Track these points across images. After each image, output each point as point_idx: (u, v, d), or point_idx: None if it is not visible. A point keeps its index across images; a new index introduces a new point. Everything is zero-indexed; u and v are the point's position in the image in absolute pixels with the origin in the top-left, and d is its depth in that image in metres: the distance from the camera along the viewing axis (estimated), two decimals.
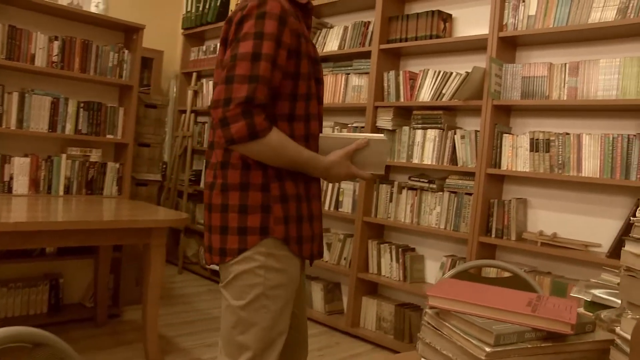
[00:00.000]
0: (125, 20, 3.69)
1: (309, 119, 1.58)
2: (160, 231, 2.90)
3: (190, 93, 5.20)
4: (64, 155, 3.50)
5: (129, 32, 3.87)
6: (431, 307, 0.94)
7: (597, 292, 1.16)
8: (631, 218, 0.82)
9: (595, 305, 1.10)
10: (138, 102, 4.13)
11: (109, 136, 3.72)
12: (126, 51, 3.77)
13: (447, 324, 0.90)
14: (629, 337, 0.74)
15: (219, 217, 1.50)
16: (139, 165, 4.22)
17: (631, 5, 2.66)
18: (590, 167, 2.74)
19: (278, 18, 1.43)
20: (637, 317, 0.75)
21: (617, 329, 0.81)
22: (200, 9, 5.21)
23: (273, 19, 1.42)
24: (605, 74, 2.73)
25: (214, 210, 1.52)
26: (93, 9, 3.74)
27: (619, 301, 1.10)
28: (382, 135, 1.60)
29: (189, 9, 5.37)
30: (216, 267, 4.63)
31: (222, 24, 4.94)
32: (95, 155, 3.68)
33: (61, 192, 3.49)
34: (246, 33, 1.41)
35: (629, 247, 0.81)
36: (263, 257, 1.48)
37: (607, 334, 0.90)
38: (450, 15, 3.47)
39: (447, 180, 3.30)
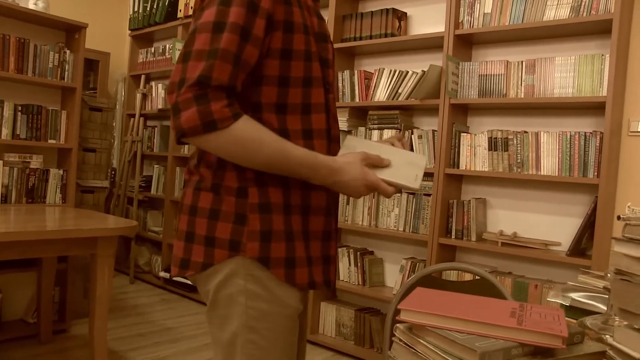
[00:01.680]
0: (65, 18, 3.49)
1: (310, 111, 1.22)
2: (107, 240, 2.72)
3: (139, 96, 5.00)
4: (0, 162, 3.28)
5: (71, 31, 3.67)
6: (403, 322, 0.83)
7: (576, 295, 1.08)
8: (620, 216, 0.73)
9: (574, 310, 1.02)
10: (82, 104, 3.93)
11: (51, 141, 3.51)
12: (68, 51, 3.57)
13: (422, 341, 0.79)
14: (624, 348, 0.65)
15: (187, 221, 1.21)
16: (84, 171, 4.02)
17: (583, 4, 2.66)
18: (549, 165, 2.71)
19: None
20: (631, 325, 0.67)
21: (609, 339, 0.73)
22: (148, 9, 5.03)
23: None
24: (561, 72, 2.72)
25: (182, 212, 1.23)
26: (31, 7, 3.53)
27: (602, 306, 1.03)
28: (420, 155, 1.32)
29: (136, 9, 5.17)
30: (185, 280, 4.45)
31: (171, 24, 4.77)
32: (36, 162, 3.46)
33: None
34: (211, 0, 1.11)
35: (619, 248, 0.73)
36: (242, 281, 1.16)
37: (597, 344, 0.81)
38: (405, 14, 3.41)
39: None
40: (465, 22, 3.03)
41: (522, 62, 2.85)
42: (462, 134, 3.00)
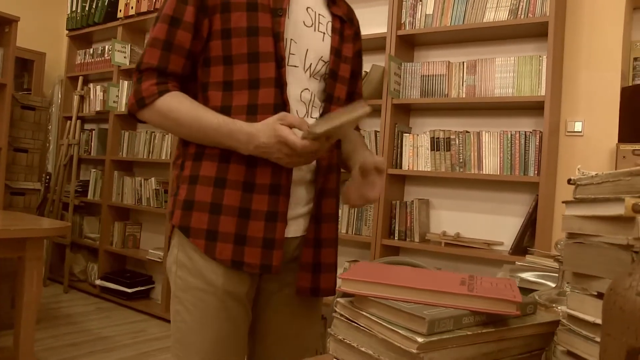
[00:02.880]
0: None
1: (258, 86, 1.19)
2: (35, 242, 2.56)
3: (76, 98, 4.81)
4: None
5: (1, 25, 3.49)
6: (344, 295, 0.76)
7: (525, 275, 1.04)
8: (571, 179, 0.69)
9: (524, 291, 0.98)
10: (13, 102, 3.74)
11: None
12: None
13: (365, 313, 0.72)
14: (579, 314, 0.61)
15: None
16: (14, 172, 3.82)
17: (521, 6, 2.71)
18: (491, 164, 2.72)
19: None
20: (586, 289, 0.63)
21: (563, 308, 0.68)
22: (87, 8, 4.85)
23: None
24: (501, 72, 2.74)
25: None
26: None
27: (552, 284, 0.99)
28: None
29: (74, 9, 4.98)
30: (106, 284, 4.28)
31: (111, 25, 4.62)
32: None
33: None
34: None
35: (571, 211, 0.69)
36: (176, 250, 1.24)
37: (550, 314, 0.77)
38: None
39: (346, 182, 3.18)
40: (407, 23, 3.03)
41: (463, 62, 2.86)
42: (404, 134, 2.99)
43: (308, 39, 1.27)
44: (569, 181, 0.70)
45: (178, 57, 1.20)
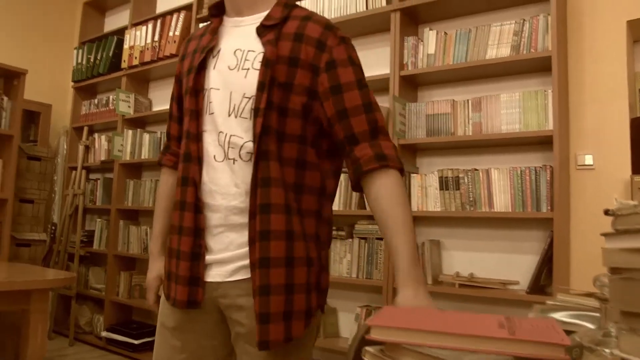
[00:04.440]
0: (3, 64, 3.35)
1: (185, 137, 1.37)
2: (40, 294, 2.51)
3: (81, 148, 4.82)
4: None
5: (9, 78, 3.52)
6: (373, 343, 0.70)
7: (558, 315, 0.97)
8: (609, 210, 0.64)
9: None
10: (19, 153, 3.74)
11: None
12: (5, 98, 3.41)
13: None
14: (632, 358, 0.55)
15: None
16: (20, 223, 3.78)
17: (522, 42, 2.71)
18: (502, 201, 2.67)
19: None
20: (637, 329, 0.57)
21: (614, 351, 0.62)
22: (92, 60, 4.91)
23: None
24: (507, 108, 2.72)
25: None
26: None
27: (590, 325, 0.92)
28: None
29: (79, 61, 5.04)
30: (112, 335, 4.18)
31: (115, 75, 4.66)
32: None
33: None
34: None
35: (613, 244, 0.63)
36: None
37: (599, 358, 0.71)
38: None
39: (356, 226, 3.13)
40: (409, 63, 3.02)
41: (467, 100, 2.84)
42: (412, 174, 2.95)
43: (231, 81, 1.31)
44: (606, 212, 0.64)
45: (173, 124, 1.56)
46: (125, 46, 4.60)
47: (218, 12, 1.43)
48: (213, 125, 1.32)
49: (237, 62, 1.32)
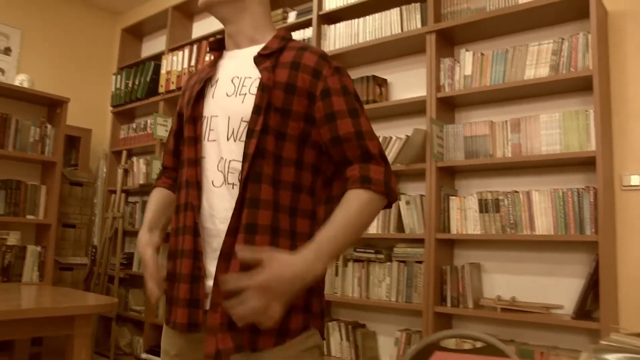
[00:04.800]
0: (47, 93, 3.45)
1: (184, 165, 1.41)
2: (84, 319, 2.55)
3: (120, 172, 4.91)
4: None
5: (53, 107, 3.62)
6: None
7: (612, 357, 0.93)
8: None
9: None
10: (62, 179, 3.83)
11: (29, 217, 3.39)
12: (49, 126, 3.50)
13: None
14: None
15: None
16: (63, 248, 3.86)
17: (561, 62, 2.67)
18: (544, 224, 2.62)
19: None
20: None
21: None
22: (130, 85, 5.02)
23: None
24: (546, 129, 2.68)
25: None
26: (17, 83, 3.49)
27: None
28: None
29: (118, 86, 5.17)
30: (152, 357, 4.22)
31: (153, 100, 4.75)
32: (13, 238, 3.32)
33: None
34: None
35: None
36: None
37: None
38: (385, 80, 3.40)
39: (394, 249, 3.11)
40: (446, 85, 3.01)
41: (506, 121, 2.81)
42: (450, 197, 2.92)
43: (229, 107, 1.36)
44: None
45: (167, 156, 1.62)
46: (163, 71, 4.70)
47: (218, 47, 1.51)
48: (212, 151, 1.36)
49: (235, 88, 1.38)
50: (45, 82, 4.98)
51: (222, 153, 1.34)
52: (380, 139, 3.22)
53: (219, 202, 1.31)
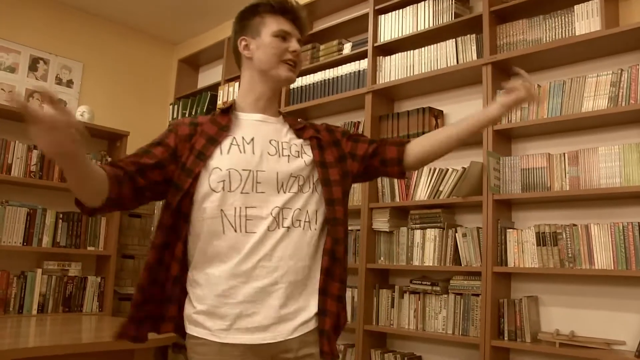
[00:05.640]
0: (108, 127, 3.62)
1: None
2: (144, 353, 2.63)
3: None
4: (39, 270, 3.28)
5: (113, 140, 3.78)
6: None
7: None
8: None
9: None
10: (121, 212, 3.97)
11: (90, 248, 3.53)
12: (109, 159, 3.65)
13: None
14: None
15: None
16: (122, 278, 3.99)
17: (620, 93, 2.64)
18: (603, 258, 2.58)
19: None
20: None
21: None
22: (187, 115, 5.18)
23: None
24: (606, 162, 2.65)
25: None
26: (78, 117, 3.66)
27: None
28: None
29: (175, 116, 5.33)
30: None
31: None
32: (74, 269, 3.46)
33: (34, 311, 3.23)
34: None
35: None
36: None
37: None
38: (441, 112, 3.43)
39: (451, 281, 3.10)
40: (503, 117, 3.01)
41: (564, 154, 2.79)
42: (507, 229, 2.91)
43: (274, 164, 1.57)
44: None
45: (135, 160, 1.59)
46: (219, 102, 4.82)
47: (227, 111, 1.68)
48: (264, 201, 1.53)
49: (276, 150, 1.60)
50: (105, 113, 5.18)
51: (275, 202, 1.55)
52: (437, 171, 3.24)
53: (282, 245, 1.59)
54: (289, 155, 1.59)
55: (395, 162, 1.72)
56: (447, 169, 3.20)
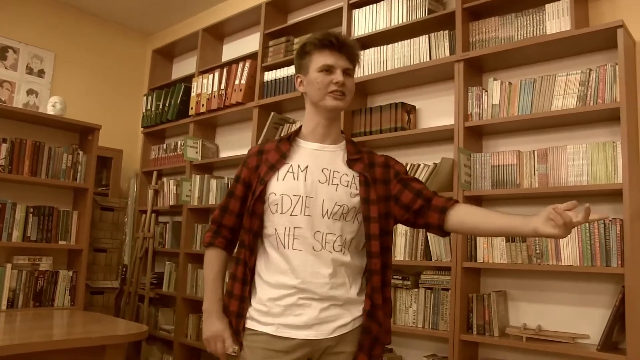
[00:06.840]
0: (79, 121, 3.57)
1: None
2: (116, 348, 2.62)
3: (150, 192, 5.02)
4: (9, 265, 3.24)
5: (85, 133, 3.74)
6: None
7: None
8: None
9: None
10: (94, 205, 3.93)
11: (61, 242, 3.49)
12: (81, 152, 3.62)
13: None
14: None
15: None
16: (94, 272, 3.96)
17: (589, 93, 2.69)
18: (570, 255, 2.64)
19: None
20: None
21: None
22: (160, 107, 5.14)
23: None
24: (574, 160, 2.70)
25: None
26: (50, 110, 3.62)
27: None
28: None
29: (148, 108, 5.28)
30: None
31: (183, 121, 4.86)
32: (45, 264, 3.43)
33: (4, 307, 3.20)
34: None
35: None
36: None
37: None
38: (414, 107, 3.45)
39: (421, 276, 3.14)
40: (474, 113, 3.05)
41: (533, 151, 2.84)
42: None
43: (323, 192, 1.78)
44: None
45: (229, 216, 1.93)
46: (193, 94, 4.79)
47: (290, 138, 1.92)
48: (310, 225, 1.76)
49: (326, 178, 1.81)
50: (77, 103, 5.12)
51: (318, 227, 1.77)
52: (408, 167, 3.27)
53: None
54: (337, 185, 1.80)
55: (436, 228, 1.86)
56: (419, 164, 3.23)
